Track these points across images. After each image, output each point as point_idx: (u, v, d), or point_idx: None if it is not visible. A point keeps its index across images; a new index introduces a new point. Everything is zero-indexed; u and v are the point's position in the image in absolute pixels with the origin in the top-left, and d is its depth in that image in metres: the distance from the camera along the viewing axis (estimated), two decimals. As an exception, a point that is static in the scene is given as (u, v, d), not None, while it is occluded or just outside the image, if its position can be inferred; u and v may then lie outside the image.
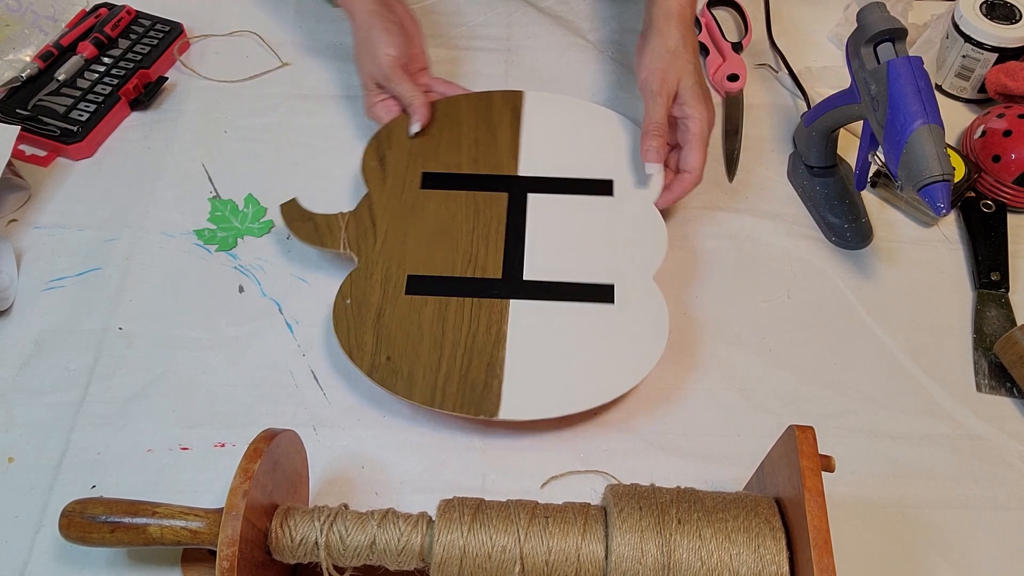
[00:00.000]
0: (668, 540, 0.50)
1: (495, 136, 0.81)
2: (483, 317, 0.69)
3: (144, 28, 0.91)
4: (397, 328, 0.68)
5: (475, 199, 0.76)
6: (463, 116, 0.83)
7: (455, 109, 0.83)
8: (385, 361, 0.67)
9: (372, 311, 0.69)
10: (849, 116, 0.76)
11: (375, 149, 0.80)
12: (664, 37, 0.77)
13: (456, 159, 0.79)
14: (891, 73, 0.69)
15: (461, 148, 0.80)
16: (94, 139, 0.83)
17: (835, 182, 0.82)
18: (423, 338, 0.68)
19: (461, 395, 0.65)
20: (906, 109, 0.67)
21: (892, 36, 0.71)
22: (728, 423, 0.69)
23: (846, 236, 0.79)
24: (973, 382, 0.72)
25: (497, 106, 0.84)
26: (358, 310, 0.69)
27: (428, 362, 0.67)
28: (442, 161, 0.79)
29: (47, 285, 0.74)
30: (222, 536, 0.48)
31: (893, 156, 0.69)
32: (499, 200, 0.76)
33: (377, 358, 0.67)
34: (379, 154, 0.79)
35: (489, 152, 0.80)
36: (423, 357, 0.67)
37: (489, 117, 0.83)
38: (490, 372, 0.66)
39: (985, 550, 0.63)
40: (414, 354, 0.67)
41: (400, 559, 0.52)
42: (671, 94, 0.77)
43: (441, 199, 0.76)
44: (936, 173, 0.66)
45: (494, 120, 0.82)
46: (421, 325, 0.69)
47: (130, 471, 0.64)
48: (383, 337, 0.68)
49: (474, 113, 0.83)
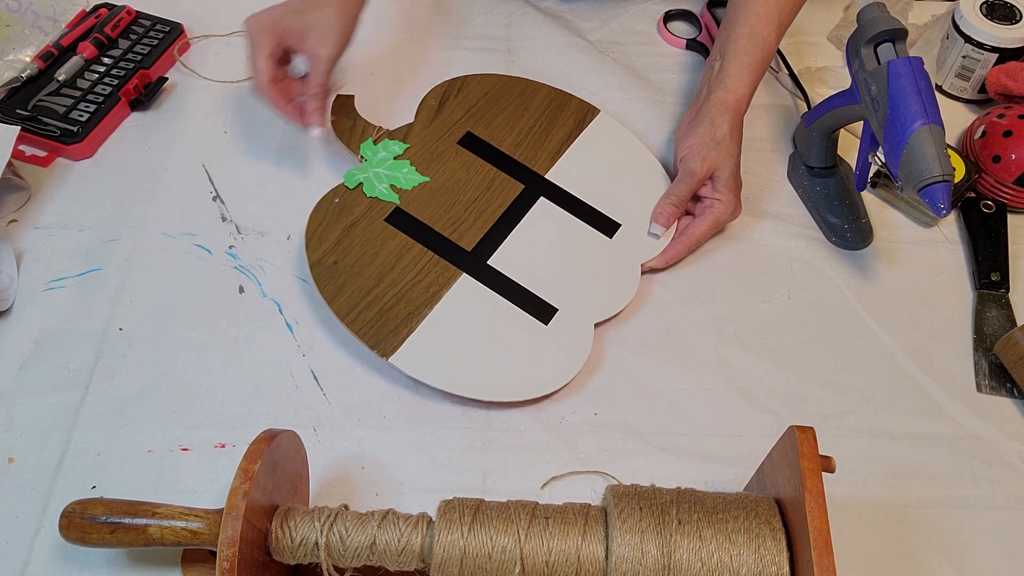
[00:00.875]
0: (668, 541, 0.50)
1: (548, 135, 0.83)
2: (431, 275, 0.72)
3: (144, 28, 0.91)
4: (359, 243, 0.73)
5: (493, 176, 0.79)
6: (534, 103, 0.85)
7: (532, 93, 0.86)
8: (331, 263, 0.71)
9: (350, 218, 0.74)
10: (849, 116, 0.76)
11: (442, 90, 0.84)
12: (715, 128, 0.78)
13: (502, 135, 0.82)
14: (891, 73, 0.69)
15: (514, 129, 0.83)
16: (94, 139, 0.83)
17: (835, 182, 0.82)
18: (372, 262, 0.72)
19: (371, 325, 0.69)
20: (906, 109, 0.67)
21: (892, 36, 0.71)
22: (728, 423, 0.69)
23: (846, 236, 0.79)
24: (973, 382, 0.72)
25: (569, 110, 0.85)
26: (339, 212, 0.75)
27: (363, 283, 0.71)
28: (490, 131, 0.82)
29: (47, 285, 0.74)
30: (222, 537, 0.48)
31: (893, 157, 0.69)
32: (513, 188, 0.78)
33: (327, 257, 0.72)
34: (443, 97, 0.84)
35: (535, 144, 0.82)
36: (362, 278, 0.71)
37: (555, 116, 0.85)
38: (405, 321, 0.69)
39: (985, 550, 0.63)
40: (357, 271, 0.71)
41: (400, 560, 0.52)
42: (705, 178, 0.78)
43: (466, 161, 0.80)
44: (936, 174, 0.66)
45: (558, 120, 0.84)
46: (379, 252, 0.73)
47: (130, 472, 0.64)
48: (343, 243, 0.73)
49: (545, 105, 0.85)
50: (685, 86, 0.93)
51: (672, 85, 0.93)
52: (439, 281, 0.72)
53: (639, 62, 0.94)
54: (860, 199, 0.82)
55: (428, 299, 0.71)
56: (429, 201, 0.76)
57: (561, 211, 0.78)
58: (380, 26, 0.93)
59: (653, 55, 0.96)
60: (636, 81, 0.92)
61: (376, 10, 0.84)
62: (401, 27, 0.96)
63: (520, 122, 0.83)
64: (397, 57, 0.93)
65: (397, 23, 0.96)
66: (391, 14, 0.96)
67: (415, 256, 0.73)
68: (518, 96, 0.85)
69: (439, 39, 0.95)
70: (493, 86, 0.86)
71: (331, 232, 0.73)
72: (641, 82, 0.92)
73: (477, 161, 0.79)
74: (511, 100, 0.85)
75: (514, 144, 0.81)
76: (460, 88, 0.84)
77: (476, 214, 0.76)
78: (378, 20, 0.90)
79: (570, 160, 0.81)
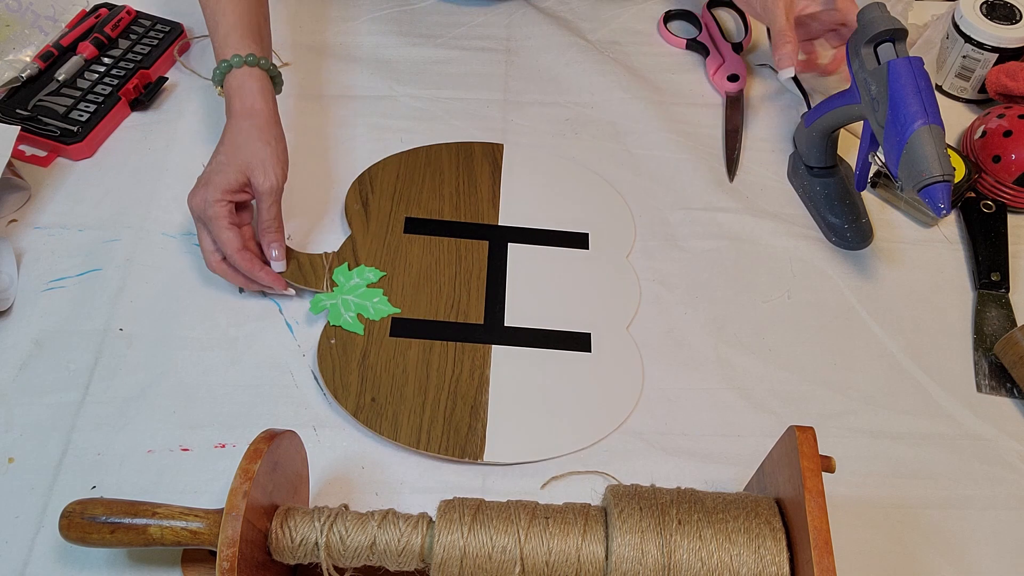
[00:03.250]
0: (668, 541, 0.50)
1: (476, 186, 0.82)
2: (467, 361, 0.70)
3: (144, 28, 0.91)
4: (382, 370, 0.69)
5: (457, 246, 0.77)
6: (444, 164, 0.84)
7: (436, 157, 0.84)
8: (370, 402, 0.67)
9: (357, 352, 0.70)
10: (849, 116, 0.76)
11: (357, 192, 0.81)
12: None
13: (438, 206, 0.80)
14: (891, 73, 0.69)
15: (443, 195, 0.81)
16: (94, 139, 0.83)
17: (835, 182, 0.82)
18: (408, 380, 0.69)
19: (446, 437, 0.66)
20: (906, 109, 0.67)
21: (892, 36, 0.71)
22: (728, 423, 0.69)
23: (846, 236, 0.79)
24: (973, 382, 0.72)
25: (477, 157, 0.85)
26: (343, 350, 0.70)
27: (413, 404, 0.68)
28: (424, 207, 0.80)
29: (47, 285, 0.74)
30: (222, 537, 0.48)
31: (893, 156, 0.69)
32: (480, 248, 0.77)
33: (362, 399, 0.68)
34: (362, 197, 0.80)
35: (470, 201, 0.81)
36: (408, 399, 0.68)
37: (470, 166, 0.84)
38: (474, 415, 0.67)
39: (985, 550, 0.63)
40: (399, 396, 0.68)
41: (400, 560, 0.52)
42: (790, 2, 0.79)
43: (424, 244, 0.77)
44: (937, 173, 0.66)
45: (475, 170, 0.83)
46: (406, 367, 0.70)
47: (130, 472, 0.64)
48: (368, 378, 0.69)
49: (455, 162, 0.84)
50: (685, 86, 0.93)
51: (672, 85, 0.93)
52: (477, 364, 0.70)
53: (639, 62, 0.94)
54: (860, 199, 0.82)
55: (479, 386, 0.69)
56: (416, 297, 0.74)
57: (534, 248, 0.78)
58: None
59: (653, 55, 0.96)
60: (636, 81, 0.92)
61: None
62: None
63: (444, 186, 0.82)
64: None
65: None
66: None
67: (440, 354, 0.70)
68: (425, 165, 0.83)
69: (439, 39, 0.95)
70: (400, 166, 0.83)
71: (349, 374, 0.69)
72: (641, 82, 0.92)
73: (433, 240, 0.77)
74: (422, 171, 0.83)
75: (453, 208, 0.80)
76: (371, 182, 0.81)
77: (465, 288, 0.75)
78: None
79: (509, 199, 0.81)
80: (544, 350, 0.72)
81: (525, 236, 0.79)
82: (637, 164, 0.85)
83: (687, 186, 0.84)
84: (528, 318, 0.73)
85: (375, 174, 0.82)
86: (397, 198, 0.81)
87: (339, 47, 0.93)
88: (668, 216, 0.82)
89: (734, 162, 0.86)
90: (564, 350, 0.72)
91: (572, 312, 0.74)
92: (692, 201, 0.83)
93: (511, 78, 0.92)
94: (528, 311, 0.74)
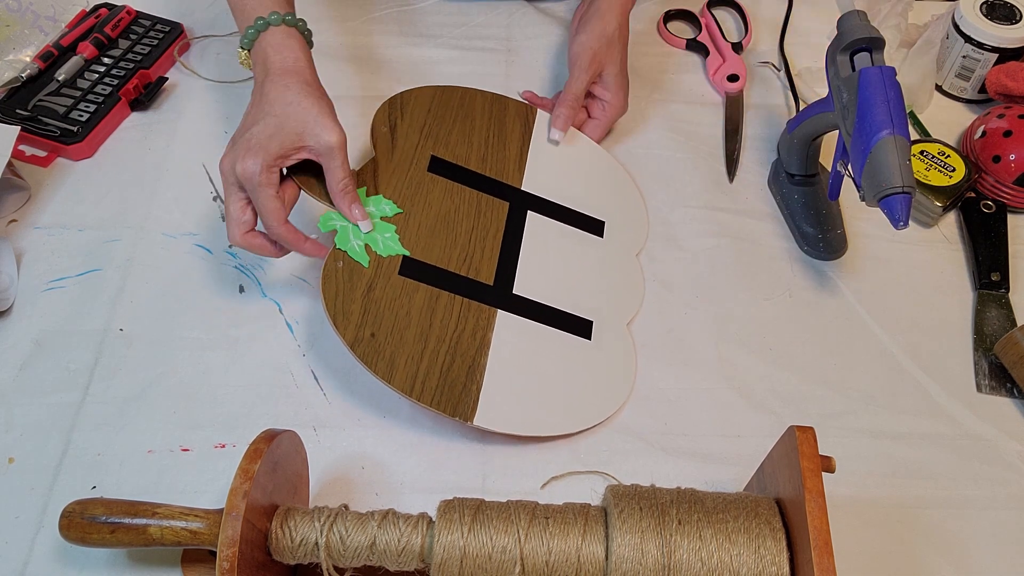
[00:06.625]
0: (668, 541, 0.50)
1: (505, 143, 0.81)
2: (471, 319, 0.69)
3: (144, 28, 0.91)
4: (386, 307, 0.67)
5: (478, 199, 0.76)
6: (477, 111, 0.83)
7: (471, 102, 0.83)
8: (369, 337, 0.65)
9: (363, 281, 0.67)
10: (826, 124, 0.75)
11: (387, 114, 0.79)
12: (605, 23, 0.82)
13: (465, 152, 0.79)
14: (862, 81, 0.67)
15: (472, 143, 0.80)
16: (94, 139, 0.83)
17: (814, 192, 0.81)
18: (411, 324, 0.67)
19: (440, 391, 0.64)
20: (873, 118, 0.65)
21: (870, 45, 0.69)
22: (728, 423, 0.69)
23: (818, 246, 0.79)
24: (973, 382, 0.72)
25: (511, 113, 0.84)
26: (349, 276, 0.67)
27: (412, 350, 0.66)
28: (452, 151, 0.78)
29: (47, 285, 0.74)
30: (222, 537, 0.48)
31: (858, 165, 0.67)
32: (500, 208, 0.76)
33: (361, 331, 0.65)
34: (391, 120, 0.78)
35: (498, 156, 0.80)
36: (408, 344, 0.66)
37: (502, 121, 0.83)
38: (470, 376, 0.66)
39: (985, 550, 0.63)
40: (399, 338, 0.66)
41: (400, 560, 0.52)
42: (596, 74, 0.82)
43: (446, 189, 0.76)
44: (897, 184, 0.63)
45: (506, 126, 0.83)
46: (410, 311, 0.67)
47: (130, 472, 0.64)
48: (370, 311, 0.66)
49: (488, 111, 0.83)
50: (685, 86, 0.93)
51: (672, 85, 0.93)
52: (480, 325, 0.68)
53: (639, 62, 0.94)
54: (838, 210, 0.80)
55: (479, 347, 0.67)
56: (431, 240, 0.72)
57: (552, 222, 0.77)
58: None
59: (653, 55, 0.96)
60: (636, 81, 0.92)
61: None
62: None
63: (474, 135, 0.80)
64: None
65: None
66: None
67: (446, 305, 0.69)
68: (459, 107, 0.82)
69: (439, 39, 0.95)
70: (432, 100, 0.82)
71: (352, 303, 0.66)
72: (641, 82, 0.92)
73: (455, 187, 0.76)
74: (455, 112, 0.81)
75: (480, 160, 0.79)
76: (402, 107, 0.79)
77: (480, 244, 0.73)
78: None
79: (535, 166, 0.80)
80: (547, 327, 0.71)
81: (545, 208, 0.78)
82: (637, 163, 0.85)
83: (687, 185, 0.84)
84: (536, 291, 0.72)
85: (407, 100, 0.81)
86: (426, 132, 0.79)
87: (339, 47, 0.93)
88: (668, 215, 0.82)
89: (734, 162, 0.86)
90: (566, 332, 0.71)
91: (578, 297, 0.73)
92: (692, 200, 0.83)
93: (511, 78, 0.92)
94: (537, 284, 0.73)
